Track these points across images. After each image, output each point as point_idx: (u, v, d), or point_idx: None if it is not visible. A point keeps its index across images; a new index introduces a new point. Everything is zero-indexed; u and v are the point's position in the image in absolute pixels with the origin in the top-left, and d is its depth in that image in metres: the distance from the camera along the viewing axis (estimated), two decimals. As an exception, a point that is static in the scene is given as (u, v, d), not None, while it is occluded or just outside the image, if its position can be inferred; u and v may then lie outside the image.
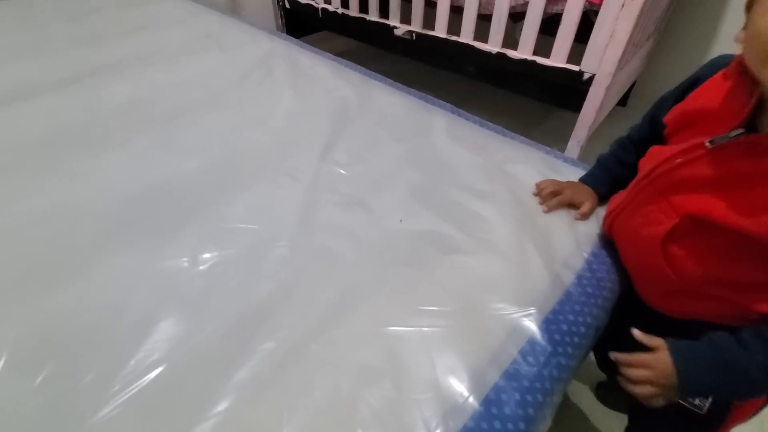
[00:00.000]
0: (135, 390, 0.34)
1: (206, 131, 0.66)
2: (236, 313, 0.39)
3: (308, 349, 0.37)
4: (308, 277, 0.43)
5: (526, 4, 1.08)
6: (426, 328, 0.38)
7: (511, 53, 1.16)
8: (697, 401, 0.40)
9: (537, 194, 0.55)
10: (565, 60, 1.07)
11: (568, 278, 0.44)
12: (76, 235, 0.48)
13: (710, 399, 0.40)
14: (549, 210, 0.53)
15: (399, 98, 0.77)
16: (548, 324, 0.40)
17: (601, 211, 0.53)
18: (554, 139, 1.20)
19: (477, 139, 0.66)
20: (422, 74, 1.64)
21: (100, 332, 0.38)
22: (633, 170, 0.47)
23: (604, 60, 1.00)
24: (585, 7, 0.99)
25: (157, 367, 0.35)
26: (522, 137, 0.69)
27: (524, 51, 1.13)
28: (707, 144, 0.36)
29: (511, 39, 1.16)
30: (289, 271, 0.44)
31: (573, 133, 1.14)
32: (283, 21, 1.77)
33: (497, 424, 0.33)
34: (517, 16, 1.13)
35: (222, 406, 0.33)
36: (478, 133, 0.67)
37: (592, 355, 0.61)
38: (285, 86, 0.80)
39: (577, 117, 1.12)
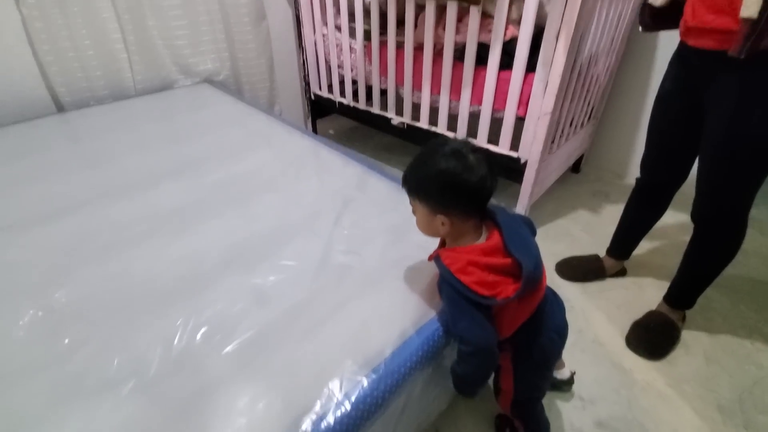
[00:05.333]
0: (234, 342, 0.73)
1: (266, 206, 1.09)
2: (291, 300, 0.80)
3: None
4: (323, 288, 0.84)
5: (479, 108, 1.53)
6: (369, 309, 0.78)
7: (473, 142, 1.60)
8: None
9: None
10: (508, 148, 1.51)
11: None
12: (203, 266, 0.89)
13: None
14: None
15: (383, 182, 1.20)
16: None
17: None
18: (512, 204, 1.61)
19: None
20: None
21: (218, 317, 0.78)
22: None
23: (532, 151, 1.43)
24: (516, 116, 1.44)
25: (247, 331, 0.75)
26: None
27: (481, 141, 1.57)
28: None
29: (473, 130, 1.61)
30: (313, 287, 0.84)
31: (518, 200, 1.55)
32: (309, 108, 2.30)
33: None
34: (475, 116, 1.58)
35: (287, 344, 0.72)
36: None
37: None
38: (312, 174, 1.25)
39: (526, 188, 1.53)
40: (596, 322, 1.27)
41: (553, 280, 1.42)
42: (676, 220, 1.70)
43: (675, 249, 1.57)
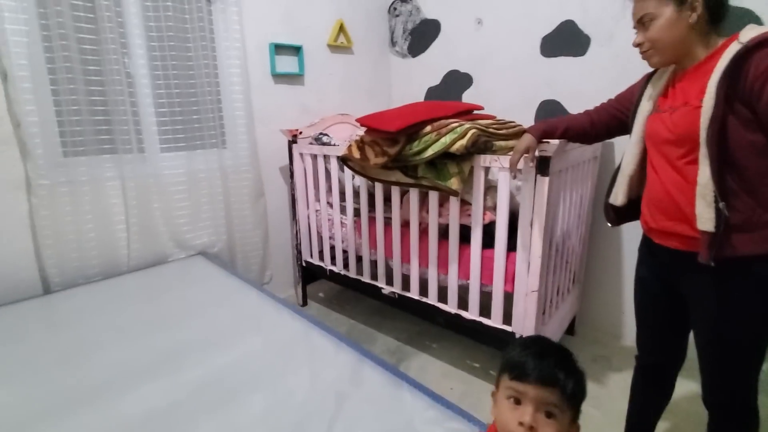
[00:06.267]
0: None
1: (250, 412, 0.99)
2: None
3: None
4: None
5: (468, 282, 1.57)
6: None
7: (464, 314, 1.60)
8: None
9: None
10: (501, 323, 1.50)
11: None
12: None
13: None
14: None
15: (377, 373, 1.13)
16: None
17: None
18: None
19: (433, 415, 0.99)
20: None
21: None
22: None
23: (525, 326, 1.42)
24: (504, 291, 1.47)
25: None
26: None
27: (473, 314, 1.57)
28: None
29: (463, 302, 1.62)
30: None
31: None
32: (301, 274, 2.34)
33: None
34: (465, 288, 1.62)
35: None
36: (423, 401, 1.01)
37: None
38: (303, 364, 1.18)
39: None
40: None
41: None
42: (688, 390, 1.61)
43: (694, 426, 1.45)
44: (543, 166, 1.28)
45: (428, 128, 1.47)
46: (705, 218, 0.86)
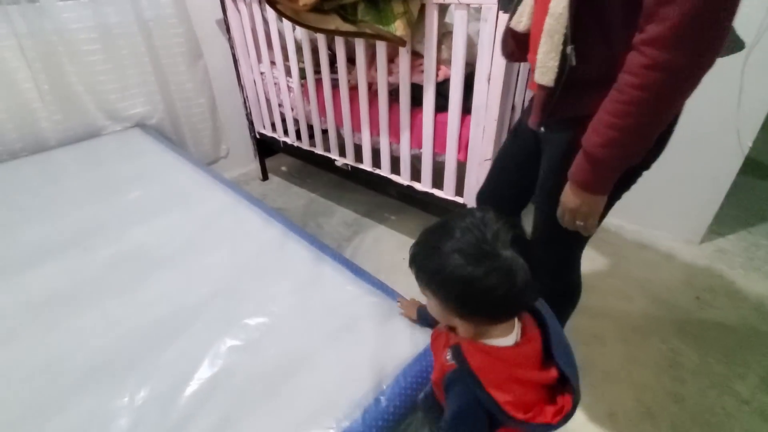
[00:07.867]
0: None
1: (159, 290, 0.94)
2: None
3: None
4: (199, 412, 0.69)
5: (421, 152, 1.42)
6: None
7: (417, 186, 1.48)
8: None
9: None
10: (453, 194, 1.39)
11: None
12: (59, 383, 0.74)
13: None
14: None
15: (302, 250, 1.06)
16: None
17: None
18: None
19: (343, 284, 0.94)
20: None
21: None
22: None
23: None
24: (458, 161, 1.32)
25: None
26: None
27: (425, 185, 1.45)
28: None
29: (417, 173, 1.49)
30: (185, 412, 0.70)
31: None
32: (255, 147, 2.17)
33: None
34: (419, 158, 1.47)
35: None
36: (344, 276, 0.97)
37: None
38: (225, 240, 1.11)
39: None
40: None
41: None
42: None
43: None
44: (506, -2, 1.00)
45: (367, -50, 1.12)
46: (546, 67, 0.65)
